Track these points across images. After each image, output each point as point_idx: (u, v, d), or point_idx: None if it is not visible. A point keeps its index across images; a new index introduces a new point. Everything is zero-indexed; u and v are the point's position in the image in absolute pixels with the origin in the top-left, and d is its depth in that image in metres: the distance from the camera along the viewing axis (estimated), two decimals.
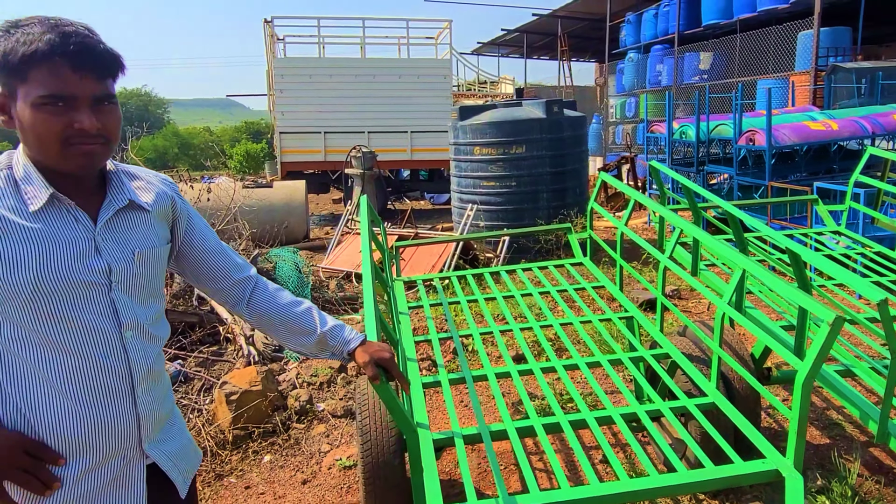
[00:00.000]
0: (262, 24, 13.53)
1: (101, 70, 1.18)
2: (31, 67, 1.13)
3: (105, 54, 1.19)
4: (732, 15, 12.80)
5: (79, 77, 1.14)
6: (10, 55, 1.13)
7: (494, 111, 7.55)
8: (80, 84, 1.15)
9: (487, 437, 2.20)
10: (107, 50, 1.19)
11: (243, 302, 1.54)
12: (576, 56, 24.03)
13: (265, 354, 4.71)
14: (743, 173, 7.53)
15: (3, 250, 1.13)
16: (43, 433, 1.19)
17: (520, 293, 3.35)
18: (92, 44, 1.17)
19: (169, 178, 1.49)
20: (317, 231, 11.75)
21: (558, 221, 7.21)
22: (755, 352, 3.02)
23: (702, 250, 3.32)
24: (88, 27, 1.20)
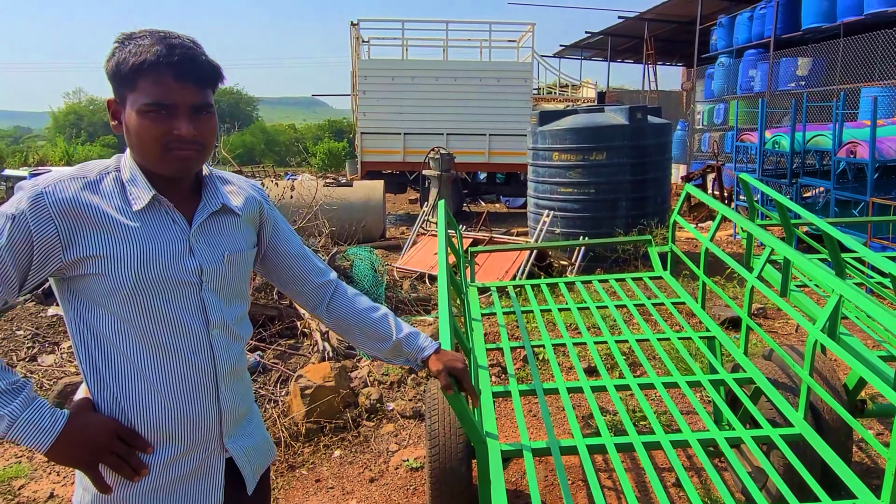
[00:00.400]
0: (348, 26, 13.88)
1: (202, 80, 1.25)
2: (139, 76, 1.20)
3: (206, 65, 1.26)
4: (836, 18, 12.04)
5: (180, 86, 1.21)
6: (123, 65, 1.21)
7: (575, 116, 7.44)
8: (182, 93, 1.22)
9: (557, 452, 2.16)
10: (208, 61, 1.26)
11: (323, 305, 1.59)
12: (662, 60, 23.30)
13: (339, 351, 4.83)
14: (841, 187, 7.07)
15: (108, 248, 1.21)
16: (135, 421, 1.26)
17: (595, 304, 3.28)
18: (194, 55, 1.24)
19: (258, 184, 1.56)
20: (392, 230, 11.94)
21: (637, 231, 7.02)
22: (849, 382, 2.83)
23: (794, 270, 3.14)
24: (194, 40, 1.27)
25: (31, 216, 1.17)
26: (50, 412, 1.17)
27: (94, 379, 1.26)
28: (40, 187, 1.19)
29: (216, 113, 1.32)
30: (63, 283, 1.26)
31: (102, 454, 1.21)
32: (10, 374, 1.17)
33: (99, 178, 1.26)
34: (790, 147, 7.76)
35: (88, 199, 1.21)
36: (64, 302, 1.27)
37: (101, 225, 1.21)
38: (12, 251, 1.16)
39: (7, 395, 1.14)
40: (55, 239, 1.18)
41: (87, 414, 1.23)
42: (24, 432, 1.14)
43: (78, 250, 1.20)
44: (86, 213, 1.20)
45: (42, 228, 1.17)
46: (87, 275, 1.21)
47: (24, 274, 1.19)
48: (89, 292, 1.23)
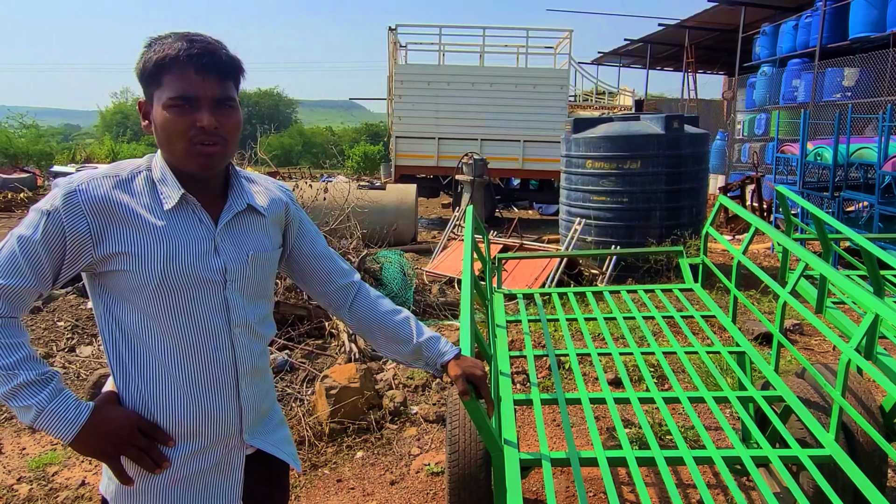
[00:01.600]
0: (386, 31, 14.01)
1: (223, 73, 1.28)
2: (163, 73, 1.25)
3: (226, 58, 1.29)
4: (886, 28, 11.67)
5: (201, 78, 1.25)
6: (148, 63, 1.26)
7: (610, 124, 7.36)
8: (203, 85, 1.25)
9: (576, 463, 2.14)
10: (228, 55, 1.30)
11: (345, 306, 1.60)
12: (702, 68, 22.92)
13: (366, 352, 4.86)
14: (886, 202, 6.85)
15: (137, 246, 1.25)
16: (157, 415, 1.29)
17: (622, 315, 3.24)
18: (214, 49, 1.27)
19: (286, 185, 1.58)
20: (424, 234, 11.97)
21: (671, 242, 6.90)
22: (885, 404, 2.73)
23: (830, 286, 3.05)
24: (217, 39, 1.30)
25: (65, 212, 1.21)
26: (75, 404, 1.21)
27: (120, 372, 1.30)
28: (74, 185, 1.23)
29: (240, 109, 1.34)
30: (93, 279, 1.30)
31: (124, 446, 1.24)
32: (41, 364, 1.21)
33: (130, 176, 1.29)
34: (833, 159, 7.54)
35: (119, 198, 1.25)
36: (94, 297, 1.31)
37: (131, 222, 1.25)
38: (46, 245, 1.21)
39: (36, 385, 1.18)
40: (87, 235, 1.22)
41: (110, 407, 1.27)
42: (50, 422, 1.18)
43: (108, 246, 1.24)
44: (116, 210, 1.24)
45: (74, 224, 1.21)
46: (116, 270, 1.25)
47: (57, 268, 1.23)
48: (117, 288, 1.27)
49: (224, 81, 1.28)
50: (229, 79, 1.30)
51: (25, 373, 1.18)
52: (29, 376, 1.18)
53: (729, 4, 15.67)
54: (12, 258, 1.20)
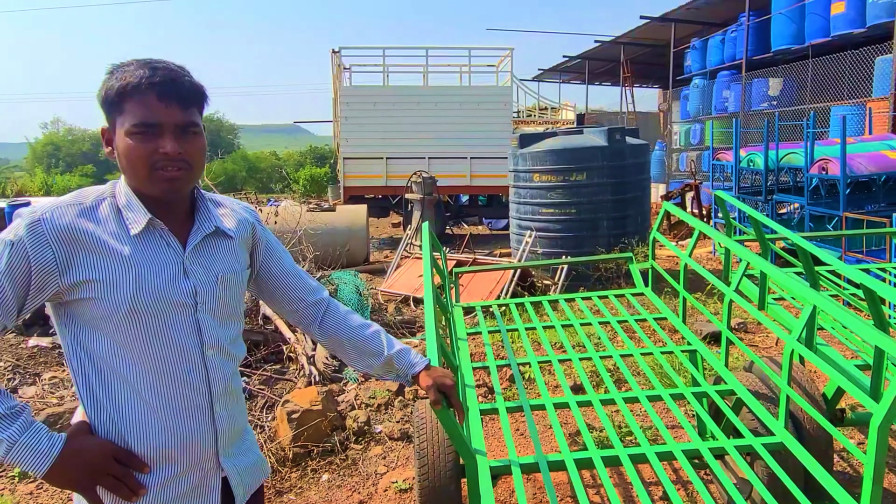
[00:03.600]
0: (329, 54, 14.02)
1: (185, 100, 1.29)
2: (125, 100, 1.25)
3: (188, 85, 1.30)
4: (804, 40, 12.43)
5: (164, 105, 1.25)
6: (110, 91, 1.26)
7: (555, 139, 7.57)
8: (166, 112, 1.26)
9: (545, 466, 2.19)
10: (191, 81, 1.31)
11: (315, 323, 1.62)
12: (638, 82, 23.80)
13: (325, 374, 4.81)
14: (815, 203, 7.25)
15: (105, 273, 1.24)
16: (131, 442, 1.28)
17: (579, 322, 3.33)
18: (176, 76, 1.28)
19: (251, 206, 1.59)
20: (376, 254, 11.95)
21: (619, 250, 7.11)
22: (827, 392, 2.89)
23: (770, 284, 3.22)
24: (180, 65, 1.31)
25: (29, 242, 1.19)
26: (47, 436, 1.19)
27: (91, 401, 1.28)
28: (38, 214, 1.22)
29: (204, 135, 1.35)
30: (60, 308, 1.28)
31: (100, 476, 1.22)
32: (9, 398, 1.18)
33: (95, 204, 1.29)
34: (764, 165, 7.95)
35: (84, 226, 1.24)
36: (60, 326, 1.29)
37: (97, 250, 1.24)
38: (11, 277, 1.19)
39: (6, 419, 1.15)
40: (52, 264, 1.21)
41: (83, 437, 1.24)
42: (22, 456, 1.15)
43: (74, 275, 1.22)
44: (82, 238, 1.23)
45: (40, 254, 1.20)
46: (84, 299, 1.24)
47: (22, 299, 1.21)
48: (86, 316, 1.25)
49: (187, 108, 1.29)
50: (192, 105, 1.31)
51: None
52: None
53: (660, 21, 16.36)
54: None
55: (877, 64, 10.67)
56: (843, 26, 11.35)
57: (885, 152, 6.83)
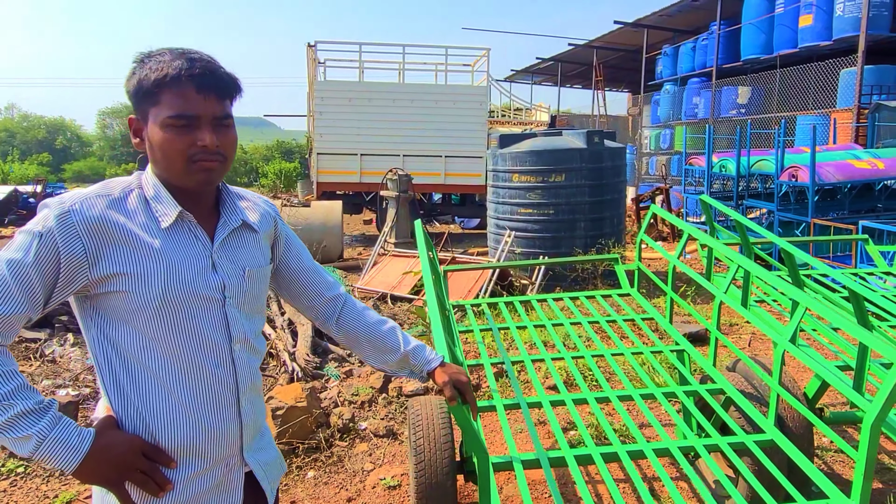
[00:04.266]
0: (298, 46, 13.87)
1: (223, 92, 1.28)
2: (161, 91, 1.23)
3: (226, 77, 1.29)
4: (773, 50, 12.79)
5: (203, 98, 1.24)
6: (145, 81, 1.24)
7: (535, 140, 7.63)
8: (204, 104, 1.24)
9: (546, 462, 2.22)
10: (227, 73, 1.30)
11: (333, 319, 1.62)
12: (610, 86, 24.15)
13: (307, 371, 4.78)
14: (784, 209, 7.47)
15: (135, 266, 1.22)
16: (159, 436, 1.26)
17: (569, 321, 3.38)
18: (214, 68, 1.27)
19: (270, 199, 1.58)
20: (349, 251, 11.89)
21: (595, 251, 7.22)
22: (808, 391, 3.00)
23: (752, 287, 3.31)
24: (211, 56, 1.30)
25: (59, 233, 1.17)
26: (77, 431, 1.17)
27: (118, 396, 1.26)
28: (67, 205, 1.19)
29: (235, 126, 1.34)
30: (86, 302, 1.25)
31: (129, 472, 1.21)
32: (36, 393, 1.16)
33: (123, 195, 1.26)
34: (736, 171, 8.16)
35: (114, 218, 1.22)
36: (86, 320, 1.27)
37: (127, 242, 1.22)
38: (39, 268, 1.16)
39: (35, 414, 1.13)
40: (82, 256, 1.19)
41: (112, 432, 1.23)
42: (52, 452, 1.13)
43: (104, 268, 1.20)
44: (112, 230, 1.21)
45: (69, 245, 1.17)
46: (113, 292, 1.22)
47: (49, 291, 1.19)
48: (114, 309, 1.23)
49: (224, 100, 1.28)
50: (228, 97, 1.30)
51: (22, 402, 1.12)
52: (26, 405, 1.12)
53: (633, 27, 16.63)
54: (1, 284, 1.14)
55: (842, 76, 11.04)
56: (810, 38, 11.71)
57: (851, 161, 7.08)
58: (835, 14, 11.05)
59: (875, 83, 10.95)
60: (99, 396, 1.33)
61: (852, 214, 7.43)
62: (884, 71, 11.31)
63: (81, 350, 5.37)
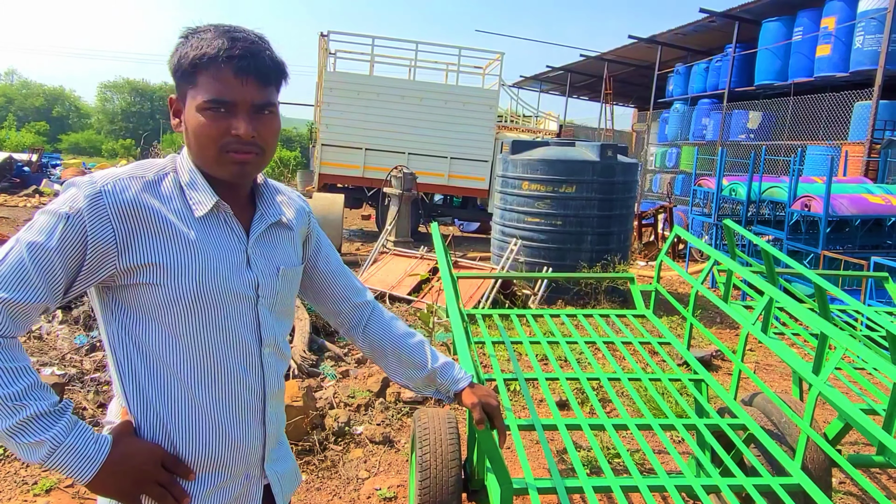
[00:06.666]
0: (314, 36, 13.72)
1: (264, 77, 1.16)
2: (199, 72, 1.12)
3: (269, 61, 1.17)
4: (787, 77, 12.74)
5: (241, 83, 1.13)
6: (183, 59, 1.13)
7: (547, 148, 7.53)
8: (242, 90, 1.13)
9: (563, 492, 2.10)
10: (271, 57, 1.18)
11: (360, 327, 1.51)
12: (617, 100, 24.11)
13: (303, 369, 4.64)
14: (794, 238, 7.39)
15: (169, 257, 1.11)
16: (179, 445, 1.15)
17: (583, 340, 3.26)
18: (257, 50, 1.15)
19: (302, 195, 1.47)
20: (347, 245, 11.75)
21: (601, 266, 7.11)
22: (828, 432, 2.89)
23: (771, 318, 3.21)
24: (261, 35, 1.18)
25: (89, 216, 1.05)
26: (94, 438, 1.05)
27: (137, 399, 1.14)
28: (99, 185, 1.07)
29: (279, 115, 1.22)
30: (108, 294, 1.13)
31: (147, 484, 1.09)
32: (51, 393, 1.03)
33: (157, 178, 1.15)
34: (747, 195, 8.08)
35: (150, 202, 1.11)
36: (106, 314, 1.14)
37: (162, 230, 1.11)
38: (63, 254, 1.03)
39: (49, 417, 1.01)
40: (111, 243, 1.07)
41: (130, 440, 1.10)
42: (66, 460, 1.01)
43: (135, 257, 1.08)
44: (146, 216, 1.10)
45: (99, 230, 1.05)
46: (142, 284, 1.10)
47: (71, 279, 1.07)
48: (140, 303, 1.11)
49: (265, 86, 1.16)
50: (271, 83, 1.18)
51: (35, 403, 1.00)
52: (40, 407, 1.00)
53: (647, 43, 16.57)
54: (20, 268, 1.02)
55: (855, 109, 11.00)
56: (826, 68, 11.67)
57: (865, 196, 7.02)
58: (853, 46, 11.01)
59: (889, 118, 10.91)
60: (103, 389, 1.20)
61: (861, 249, 7.36)
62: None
63: (70, 328, 5.21)
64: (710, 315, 6.96)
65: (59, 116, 53.78)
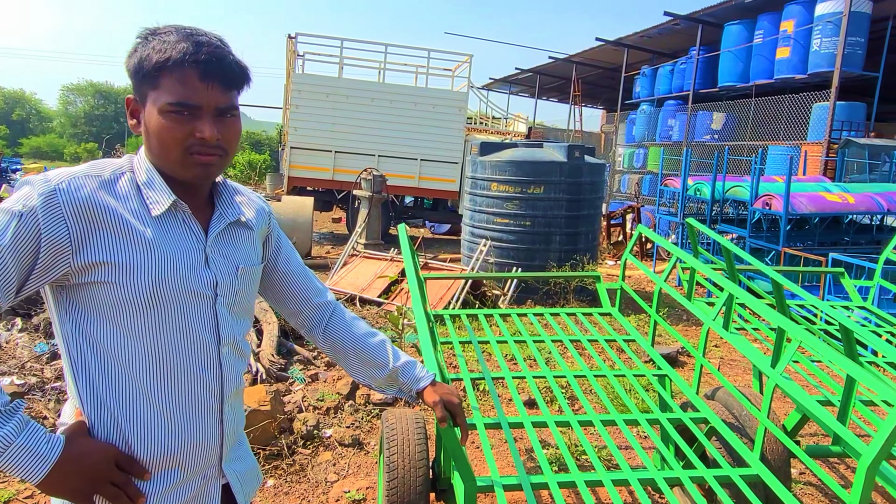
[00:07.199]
0: (283, 38, 13.61)
1: (228, 81, 1.18)
2: (162, 74, 1.12)
3: (234, 65, 1.18)
4: (749, 79, 13.04)
5: (206, 86, 1.14)
6: (146, 62, 1.13)
7: (516, 150, 7.58)
8: (207, 93, 1.14)
9: (528, 488, 2.12)
10: (235, 62, 1.19)
11: (320, 327, 1.52)
12: (586, 102, 24.37)
13: (271, 373, 4.60)
14: (756, 236, 7.57)
15: (124, 255, 1.10)
16: (135, 444, 1.14)
17: (550, 339, 3.29)
18: (222, 55, 1.16)
19: (263, 196, 1.47)
20: (317, 248, 11.67)
21: (570, 266, 7.19)
22: (787, 423, 2.97)
23: (733, 314, 3.28)
24: (221, 38, 1.19)
25: (43, 214, 1.04)
26: (46, 438, 1.04)
27: (91, 399, 1.13)
28: (53, 183, 1.07)
29: (240, 118, 1.23)
30: (62, 293, 1.12)
31: (100, 484, 1.08)
32: (2, 394, 1.02)
33: (113, 178, 1.15)
34: (711, 195, 8.24)
35: (105, 200, 1.10)
36: (60, 313, 1.13)
37: (117, 229, 1.10)
38: (16, 252, 1.02)
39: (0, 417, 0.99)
40: (66, 241, 1.06)
41: (84, 440, 1.10)
42: (17, 460, 1.00)
43: (89, 255, 1.08)
44: (101, 214, 1.09)
45: (52, 229, 1.05)
46: (97, 282, 1.09)
47: (24, 278, 1.05)
48: (95, 302, 1.11)
49: (229, 90, 1.17)
50: (234, 87, 1.19)
51: None
52: None
53: (614, 45, 16.80)
54: None
55: (814, 110, 11.30)
56: (786, 70, 11.96)
57: (823, 194, 7.22)
58: (811, 49, 11.32)
59: (846, 119, 11.23)
60: (64, 398, 1.18)
61: (820, 246, 7.57)
62: (855, 108, 11.62)
63: (30, 336, 5.08)
64: (677, 313, 7.08)
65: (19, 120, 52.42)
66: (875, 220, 8.24)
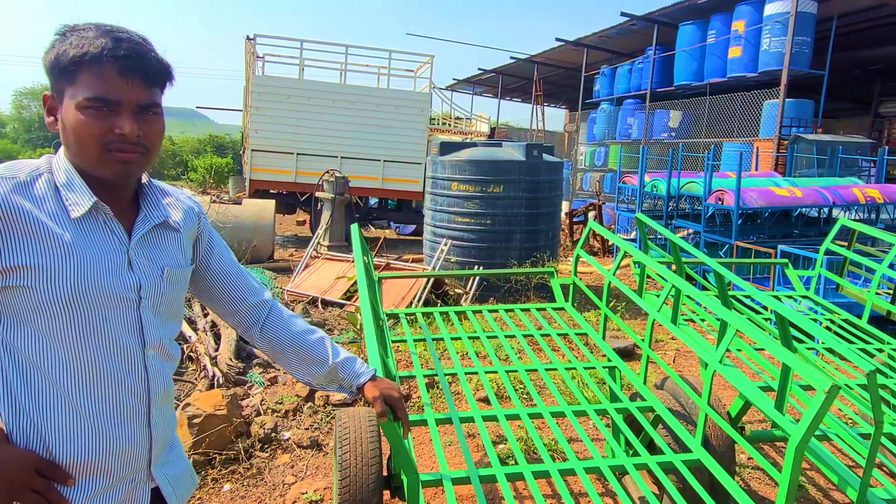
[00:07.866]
0: (234, 38, 13.44)
1: (149, 77, 1.17)
2: (79, 69, 1.11)
3: (154, 62, 1.18)
4: (703, 78, 13.35)
5: (125, 82, 1.13)
6: (62, 57, 1.12)
7: (475, 149, 7.63)
8: (126, 89, 1.13)
9: (476, 480, 2.16)
10: (157, 58, 1.19)
11: (257, 326, 1.52)
12: (548, 101, 24.62)
13: (229, 377, 4.55)
14: (710, 230, 7.76)
15: (41, 259, 1.09)
16: (56, 451, 1.13)
17: (504, 334, 3.34)
18: (142, 51, 1.16)
19: (194, 196, 1.47)
20: (280, 252, 11.56)
21: (530, 263, 7.27)
22: (731, 410, 3.06)
23: (682, 306, 3.38)
24: (144, 37, 1.18)
25: None
26: None
27: (9, 406, 1.12)
28: None
29: (163, 117, 1.23)
30: None
31: (20, 491, 1.07)
32: None
33: (30, 179, 1.13)
34: (667, 191, 8.42)
35: (20, 203, 1.09)
36: None
37: (33, 232, 1.09)
38: None
39: None
40: None
41: (1, 447, 1.08)
42: None
43: (4, 259, 1.07)
44: (16, 217, 1.08)
45: None
46: (12, 287, 1.08)
47: None
48: (12, 307, 1.09)
49: (150, 87, 1.17)
50: (156, 84, 1.18)
51: None
52: None
53: (573, 45, 17.02)
54: None
55: (765, 107, 11.63)
56: (738, 69, 12.29)
57: (772, 188, 7.44)
58: (761, 48, 11.65)
59: (795, 115, 11.59)
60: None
61: (771, 239, 7.80)
62: (803, 105, 12.00)
63: None
64: (634, 307, 7.22)
65: None
66: (823, 213, 8.53)
